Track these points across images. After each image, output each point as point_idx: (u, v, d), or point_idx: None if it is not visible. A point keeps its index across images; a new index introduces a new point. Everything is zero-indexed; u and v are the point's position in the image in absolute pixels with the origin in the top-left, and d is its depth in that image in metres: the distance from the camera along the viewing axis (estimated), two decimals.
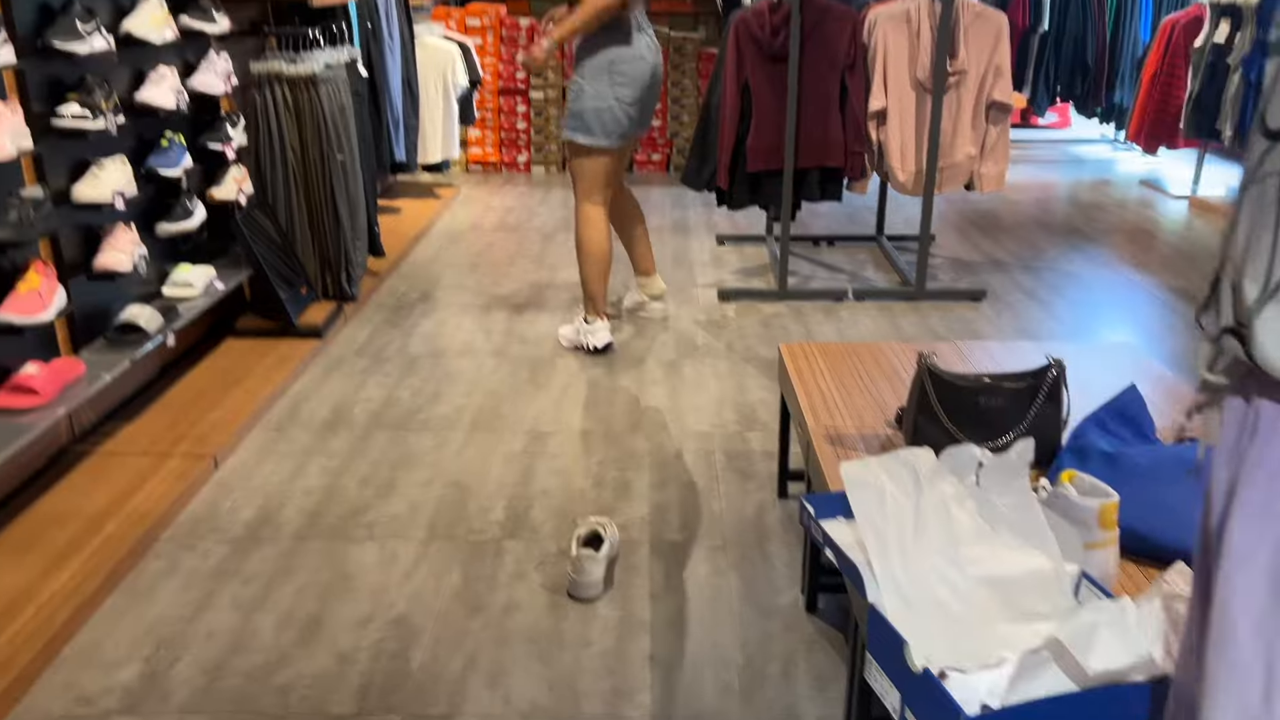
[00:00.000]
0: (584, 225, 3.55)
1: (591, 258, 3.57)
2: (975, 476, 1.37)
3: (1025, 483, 1.37)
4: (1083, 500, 1.49)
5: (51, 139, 2.57)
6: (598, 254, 3.56)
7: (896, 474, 1.31)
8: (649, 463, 2.83)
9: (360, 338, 3.80)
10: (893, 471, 1.31)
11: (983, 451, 1.37)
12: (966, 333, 3.84)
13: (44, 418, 2.35)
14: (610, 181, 3.56)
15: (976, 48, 3.93)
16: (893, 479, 1.30)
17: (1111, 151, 7.56)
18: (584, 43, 3.44)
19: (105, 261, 2.71)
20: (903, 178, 4.10)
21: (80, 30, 2.54)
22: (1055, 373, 1.88)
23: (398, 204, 5.66)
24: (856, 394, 2.25)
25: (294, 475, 2.77)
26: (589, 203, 3.53)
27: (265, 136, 3.68)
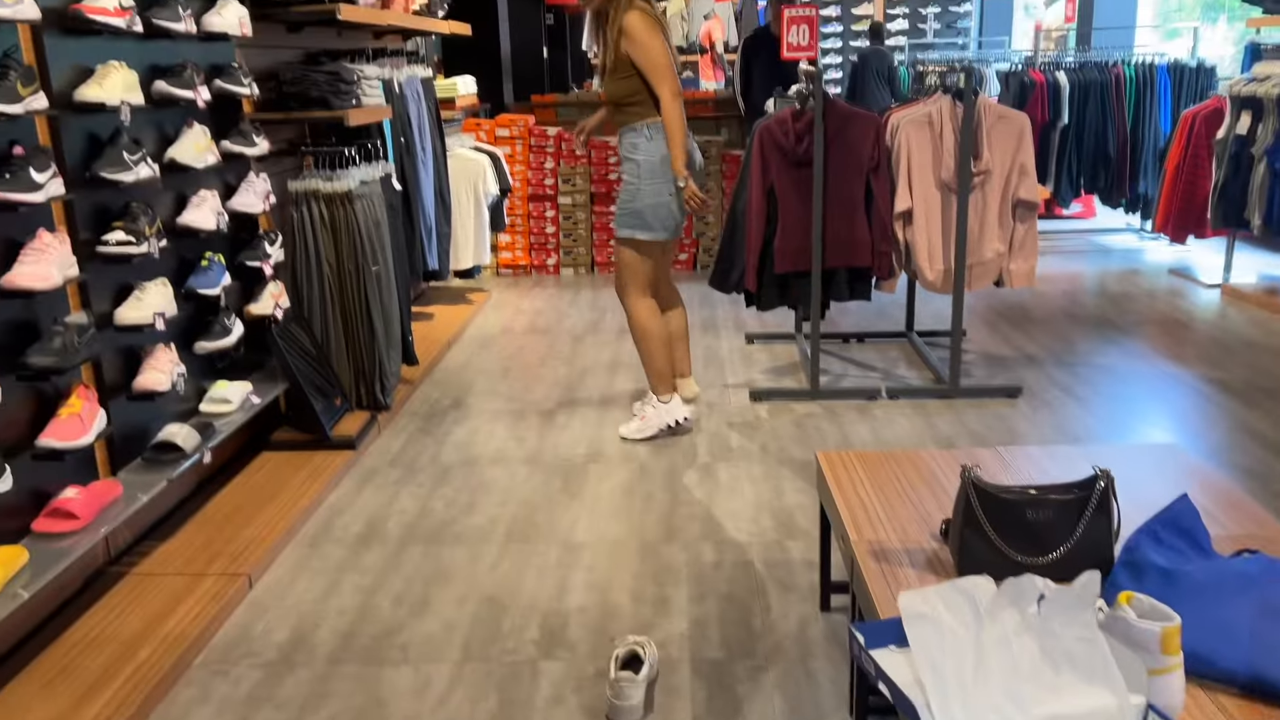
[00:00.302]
0: (637, 314, 3.72)
1: (651, 339, 3.72)
2: (1037, 607, 1.33)
3: (1091, 616, 1.32)
4: (1143, 624, 1.43)
5: (96, 264, 2.64)
6: (657, 333, 3.73)
7: (955, 605, 1.27)
8: (686, 575, 2.78)
9: (394, 448, 3.80)
10: (951, 603, 1.27)
11: (1044, 582, 1.32)
12: (1004, 432, 3.79)
13: (82, 542, 2.36)
14: (655, 272, 3.73)
15: (1000, 148, 3.98)
16: (951, 611, 1.26)
17: (1138, 241, 7.56)
18: (627, 144, 3.60)
19: (145, 382, 2.75)
20: (931, 276, 4.10)
21: (127, 161, 2.62)
22: (1104, 483, 1.84)
23: (430, 310, 5.74)
24: (898, 504, 2.20)
25: (327, 593, 2.74)
26: (638, 294, 3.70)
27: (302, 251, 3.76)
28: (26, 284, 2.25)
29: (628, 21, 3.48)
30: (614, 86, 3.56)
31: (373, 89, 4.12)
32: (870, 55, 8.85)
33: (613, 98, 3.59)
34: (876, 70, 8.74)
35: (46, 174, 2.32)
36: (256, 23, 3.44)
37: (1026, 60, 7.39)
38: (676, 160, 3.50)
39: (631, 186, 3.59)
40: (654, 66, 3.48)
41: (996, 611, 1.29)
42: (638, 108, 3.56)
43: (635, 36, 3.47)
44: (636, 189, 3.57)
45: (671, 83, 3.51)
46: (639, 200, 3.57)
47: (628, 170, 3.61)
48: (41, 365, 2.30)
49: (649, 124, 3.55)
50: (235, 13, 3.22)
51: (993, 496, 1.83)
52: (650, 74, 3.49)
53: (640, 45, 3.47)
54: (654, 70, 3.48)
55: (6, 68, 2.22)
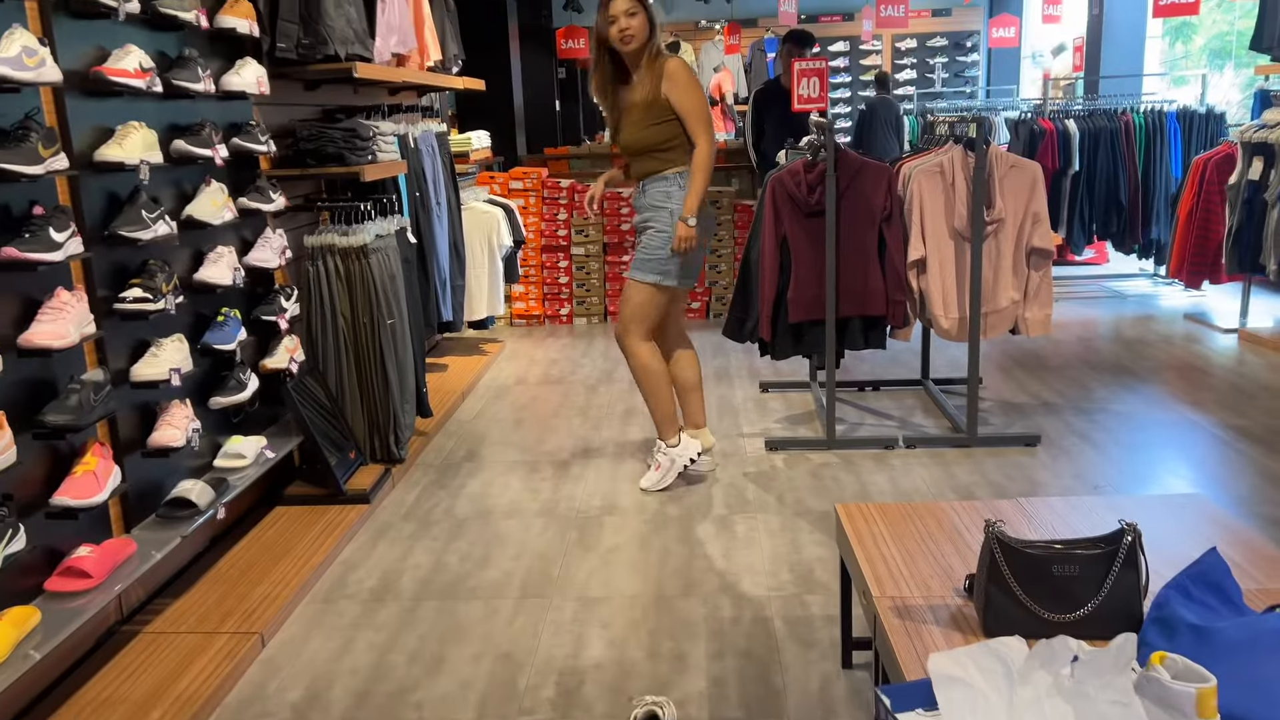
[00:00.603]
0: (639, 355, 3.71)
1: (654, 377, 3.73)
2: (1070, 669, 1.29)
3: (1126, 680, 1.29)
4: (1178, 685, 1.39)
5: (113, 321, 2.65)
6: (659, 373, 3.74)
7: (987, 668, 1.24)
8: (704, 630, 2.74)
9: (408, 501, 3.78)
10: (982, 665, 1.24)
11: (1078, 644, 1.29)
12: (1024, 482, 3.75)
13: (96, 601, 2.34)
14: (661, 318, 3.74)
15: (1013, 197, 3.98)
16: (983, 673, 1.23)
17: (1152, 286, 7.53)
18: (657, 192, 3.60)
19: (160, 438, 2.75)
20: (946, 325, 4.09)
21: (145, 219, 2.64)
22: (1131, 537, 1.80)
23: (444, 361, 5.74)
24: (920, 559, 2.17)
25: (341, 651, 2.70)
26: (639, 336, 3.69)
27: (317, 305, 3.78)
28: (44, 342, 2.26)
29: (672, 66, 3.52)
30: (646, 133, 3.56)
31: (388, 144, 4.17)
32: (878, 105, 9.00)
33: (643, 145, 3.59)
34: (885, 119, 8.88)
35: (66, 233, 2.34)
36: (274, 81, 3.49)
37: (1035, 108, 7.43)
38: (694, 198, 3.53)
39: (664, 235, 3.58)
40: (698, 111, 3.54)
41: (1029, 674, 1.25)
42: (670, 154, 3.58)
43: (681, 81, 3.51)
44: (669, 236, 3.57)
45: (711, 132, 3.57)
46: (665, 246, 3.58)
47: (658, 219, 3.60)
48: (58, 423, 2.30)
49: (679, 172, 3.58)
50: (253, 72, 3.27)
51: (1018, 552, 1.80)
52: (693, 118, 3.53)
53: (685, 89, 3.51)
54: (697, 115, 3.54)
55: (28, 130, 2.25)
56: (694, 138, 3.56)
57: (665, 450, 3.78)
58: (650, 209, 3.63)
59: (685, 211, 3.54)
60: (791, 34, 6.29)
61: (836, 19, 12.75)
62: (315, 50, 3.63)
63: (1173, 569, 1.83)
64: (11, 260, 2.20)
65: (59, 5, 2.50)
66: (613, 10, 3.48)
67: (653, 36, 3.53)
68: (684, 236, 3.54)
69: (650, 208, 3.63)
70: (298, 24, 3.58)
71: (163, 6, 2.82)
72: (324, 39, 3.62)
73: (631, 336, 3.70)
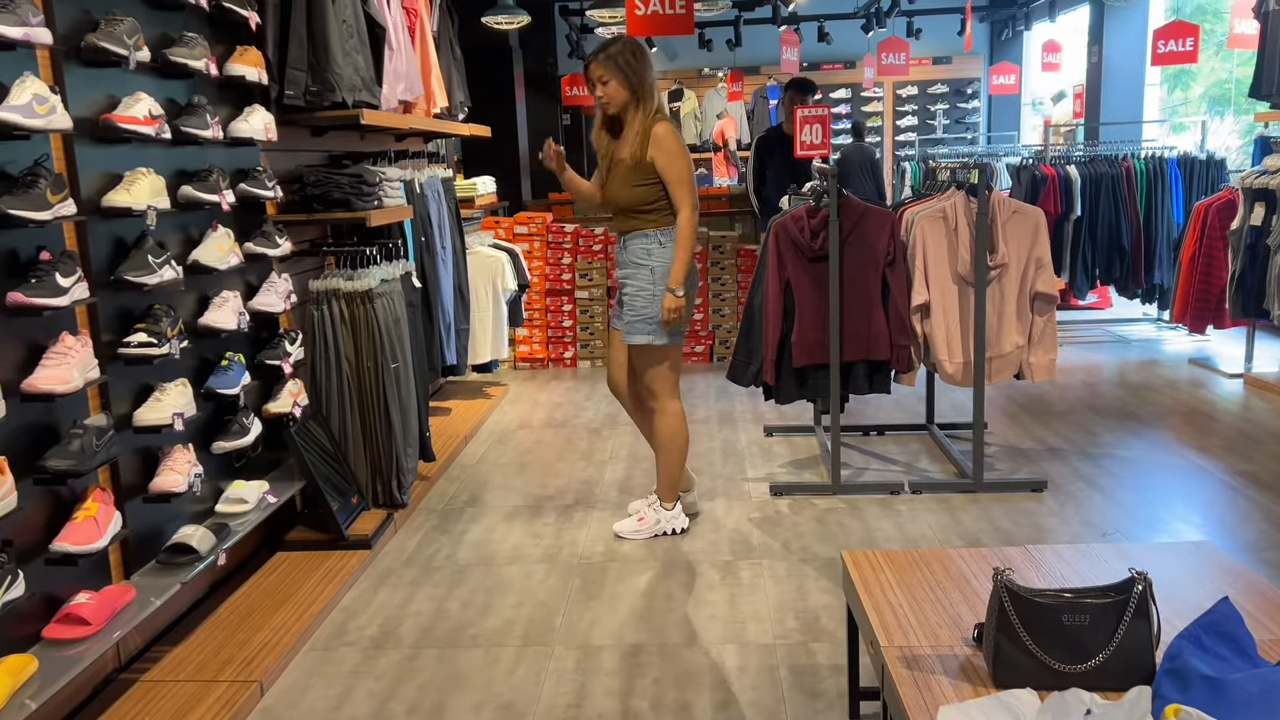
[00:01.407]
0: (670, 416, 3.71)
1: (679, 449, 3.75)
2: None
3: None
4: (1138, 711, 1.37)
5: (117, 365, 2.65)
6: (683, 443, 3.76)
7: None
8: (709, 680, 2.70)
9: (409, 546, 3.75)
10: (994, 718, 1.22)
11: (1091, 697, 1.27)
12: (1031, 528, 3.71)
13: (93, 648, 2.31)
14: (678, 367, 3.75)
15: (1016, 242, 3.99)
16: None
17: (1156, 331, 7.53)
18: (639, 249, 3.57)
19: (162, 483, 2.73)
20: (951, 369, 4.08)
21: (151, 264, 2.65)
22: (1142, 586, 1.78)
23: (448, 404, 5.74)
24: (928, 607, 2.14)
25: (341, 701, 2.67)
26: (670, 399, 3.70)
27: (322, 349, 3.78)
28: (47, 387, 2.26)
29: (660, 131, 3.49)
30: (631, 193, 3.54)
31: (394, 190, 4.20)
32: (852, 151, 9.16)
33: (627, 203, 3.56)
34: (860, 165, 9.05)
35: (71, 279, 2.34)
36: (282, 128, 3.53)
37: (1036, 154, 7.49)
38: (680, 270, 3.50)
39: (646, 292, 3.55)
40: (682, 180, 3.51)
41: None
42: (653, 215, 3.56)
43: (668, 147, 3.48)
44: (652, 294, 3.54)
45: (694, 198, 3.55)
46: (654, 306, 3.54)
47: (639, 277, 3.57)
48: (59, 469, 2.29)
49: (663, 230, 3.55)
50: (261, 119, 3.30)
51: (1027, 601, 1.78)
52: (677, 187, 3.50)
53: (671, 156, 3.49)
54: (681, 184, 3.51)
55: (37, 176, 2.27)
56: (678, 205, 3.52)
57: (658, 508, 3.77)
58: (631, 265, 3.59)
59: (672, 283, 3.51)
60: (794, 81, 6.36)
61: (838, 66, 12.90)
62: (323, 97, 3.67)
63: (1184, 618, 1.81)
64: (18, 306, 2.21)
65: (70, 54, 2.53)
66: (590, 76, 3.53)
67: (636, 96, 3.50)
68: (672, 308, 3.51)
69: (631, 264, 3.59)
70: (306, 71, 3.62)
71: (173, 55, 2.86)
72: (332, 86, 3.66)
73: (662, 397, 3.68)
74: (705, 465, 4.61)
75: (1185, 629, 1.77)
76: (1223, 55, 11.73)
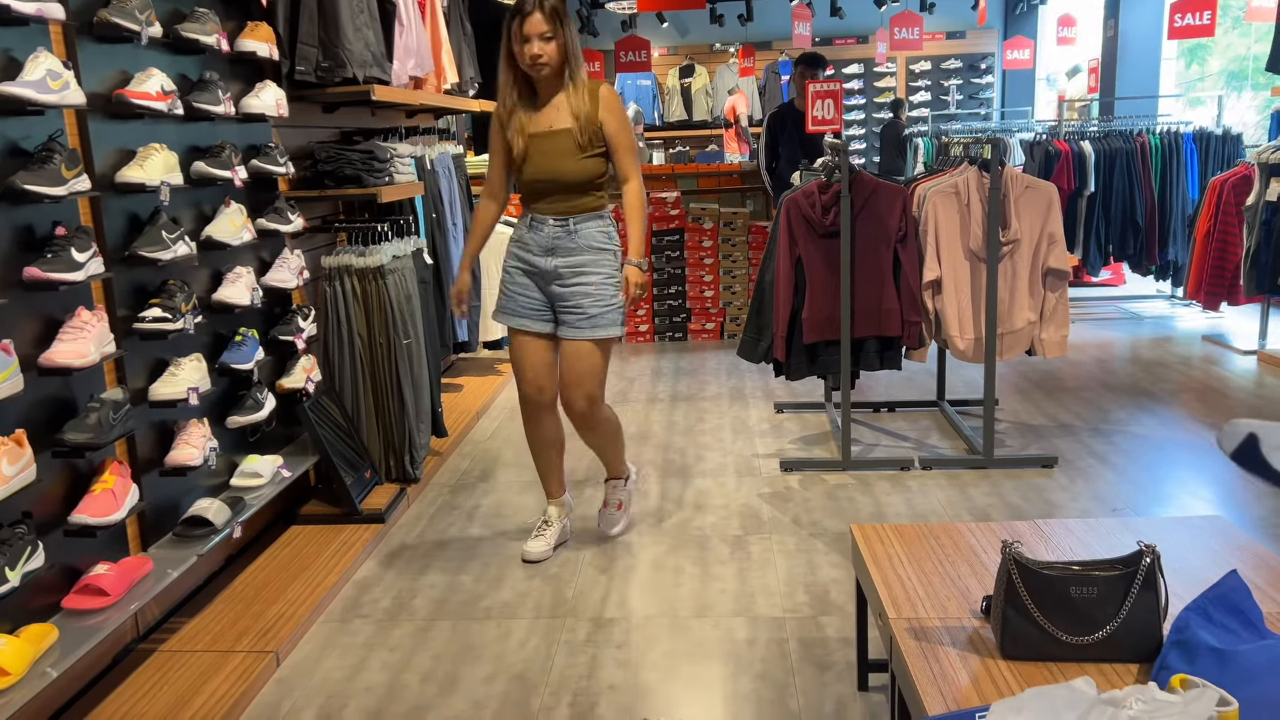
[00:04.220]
0: (608, 420, 3.40)
1: (619, 431, 3.50)
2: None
3: None
4: (1200, 709, 1.38)
5: (133, 340, 2.67)
6: (619, 424, 3.50)
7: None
8: (719, 652, 2.72)
9: (422, 520, 3.79)
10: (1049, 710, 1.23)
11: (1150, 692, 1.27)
12: (1041, 504, 3.72)
13: (112, 619, 2.35)
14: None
15: (1028, 217, 3.98)
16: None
17: (1170, 307, 7.50)
18: (596, 232, 3.21)
19: (178, 457, 2.76)
20: (962, 346, 4.08)
21: (165, 239, 2.67)
22: (1150, 559, 1.79)
23: (459, 381, 5.76)
24: (937, 580, 2.15)
25: (355, 671, 2.70)
26: (601, 393, 3.32)
27: (334, 325, 3.80)
28: (64, 361, 2.28)
29: (607, 92, 3.15)
30: (581, 166, 3.13)
31: (405, 166, 4.20)
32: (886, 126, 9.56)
33: (576, 179, 3.13)
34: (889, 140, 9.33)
35: (87, 254, 2.36)
36: (293, 104, 3.53)
37: (1050, 130, 7.43)
38: (641, 240, 3.18)
39: (615, 279, 3.20)
40: (631, 145, 3.20)
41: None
42: (602, 191, 3.22)
43: (617, 110, 3.16)
44: (619, 280, 3.20)
45: (638, 163, 3.26)
46: (617, 290, 3.20)
47: (603, 264, 3.18)
48: (77, 442, 2.32)
49: (609, 210, 3.26)
50: (273, 95, 3.30)
51: (1035, 573, 1.79)
52: (627, 152, 3.18)
53: (622, 120, 3.16)
54: (631, 148, 3.20)
55: (52, 151, 2.28)
56: (627, 173, 3.21)
57: (625, 487, 3.61)
58: (589, 250, 3.17)
59: (637, 255, 3.16)
60: (804, 56, 6.32)
61: (851, 41, 12.80)
62: (334, 73, 3.67)
63: (1192, 591, 1.82)
64: (34, 280, 2.23)
65: (83, 29, 2.54)
66: (526, 30, 3.02)
67: (571, 58, 3.10)
68: (639, 283, 3.16)
69: (589, 249, 3.17)
70: (317, 47, 3.63)
71: (185, 31, 2.86)
72: (343, 62, 3.66)
73: (599, 401, 3.29)
74: (715, 441, 4.62)
75: (1193, 601, 1.78)
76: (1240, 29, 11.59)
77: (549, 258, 3.18)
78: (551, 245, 3.17)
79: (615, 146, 3.17)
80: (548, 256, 3.18)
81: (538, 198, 3.19)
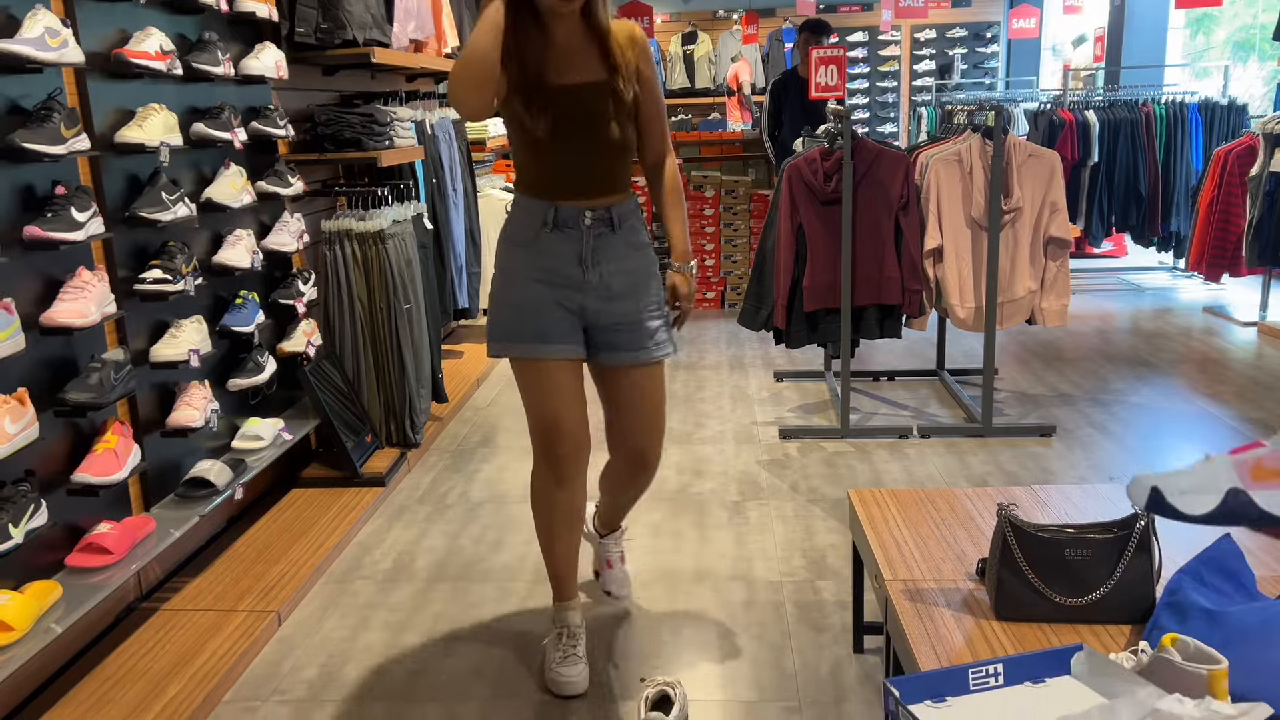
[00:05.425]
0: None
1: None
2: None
3: None
4: (1190, 667, 1.40)
5: (133, 302, 2.67)
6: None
7: None
8: (717, 615, 2.75)
9: (423, 484, 3.81)
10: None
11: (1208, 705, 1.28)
12: (1039, 471, 3.74)
13: (115, 577, 2.37)
14: None
15: (1031, 186, 3.96)
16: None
17: (1171, 279, 7.48)
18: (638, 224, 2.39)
19: (179, 419, 2.77)
20: (962, 314, 4.08)
21: (165, 200, 2.67)
22: (1144, 522, 1.80)
23: (460, 348, 5.77)
24: (933, 543, 2.17)
25: (356, 631, 2.73)
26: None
27: (334, 289, 3.80)
28: (65, 320, 2.29)
29: (644, 37, 2.33)
30: (623, 134, 2.29)
31: (405, 130, 4.18)
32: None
33: (625, 150, 2.33)
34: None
35: (87, 213, 2.36)
36: (292, 66, 3.51)
37: (1055, 99, 7.38)
38: (688, 242, 2.47)
39: (657, 281, 2.41)
40: (663, 107, 2.40)
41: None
42: (629, 171, 2.37)
43: (653, 63, 2.34)
44: (660, 284, 2.43)
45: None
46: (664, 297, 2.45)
47: (651, 264, 2.40)
48: (79, 401, 2.33)
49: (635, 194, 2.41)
50: (272, 57, 3.28)
51: (1030, 535, 1.80)
52: (662, 119, 2.40)
53: (655, 74, 2.35)
54: (663, 113, 2.40)
55: (50, 110, 2.28)
56: (662, 148, 2.41)
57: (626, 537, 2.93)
58: (636, 250, 2.36)
59: (681, 257, 2.44)
60: (809, 23, 6.27)
61: (855, 9, 12.67)
62: (333, 35, 3.64)
63: (1186, 555, 1.83)
64: (35, 239, 2.23)
65: None
66: None
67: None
68: (690, 294, 2.46)
69: (636, 248, 2.36)
70: (316, 9, 3.60)
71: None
72: (342, 24, 3.64)
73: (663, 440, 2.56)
74: (715, 410, 4.64)
75: (1186, 564, 1.80)
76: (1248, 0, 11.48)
77: (590, 268, 2.29)
78: (592, 250, 2.29)
79: (651, 112, 2.34)
80: (588, 265, 2.29)
81: (563, 184, 2.28)
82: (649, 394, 2.42)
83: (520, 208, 2.34)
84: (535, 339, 2.31)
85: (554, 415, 2.37)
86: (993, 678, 1.52)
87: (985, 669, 1.52)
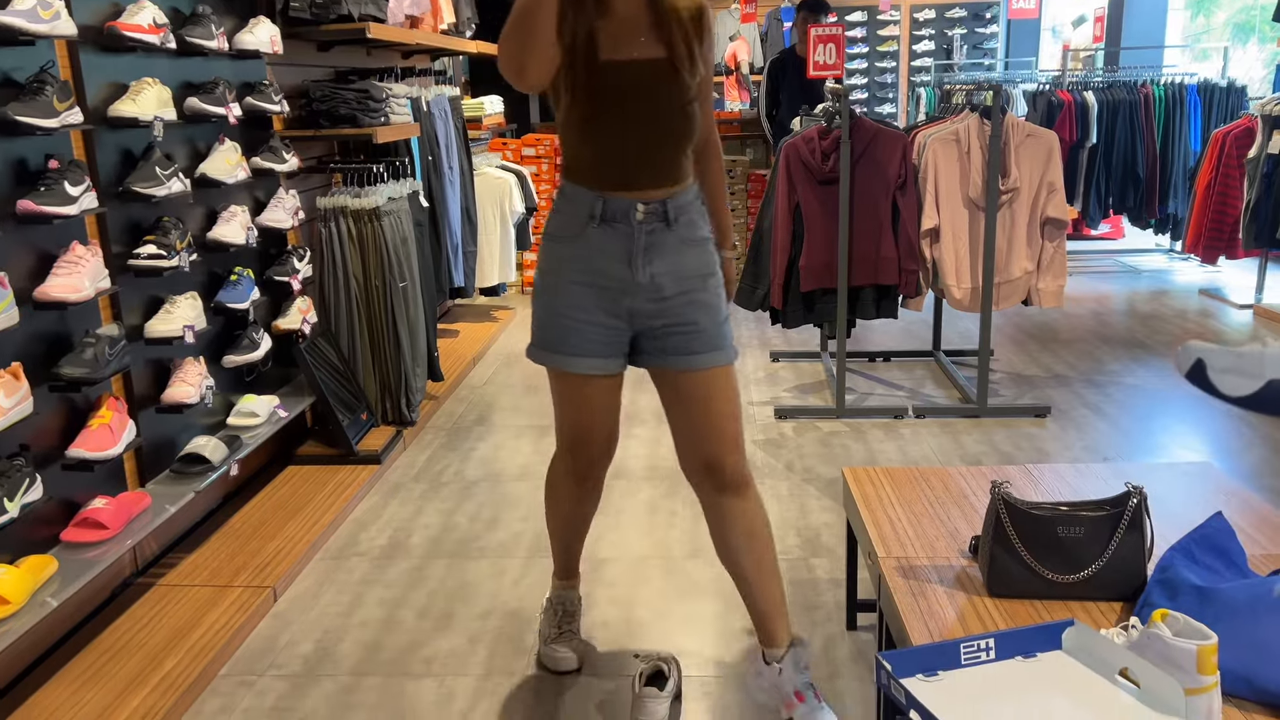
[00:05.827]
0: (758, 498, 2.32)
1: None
2: None
3: None
4: (1179, 642, 1.41)
5: (127, 277, 2.67)
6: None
7: None
8: (711, 591, 2.76)
9: (418, 462, 3.81)
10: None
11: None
12: (1033, 451, 3.75)
13: (111, 551, 2.37)
14: None
15: (1028, 166, 3.95)
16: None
17: (1168, 261, 7.49)
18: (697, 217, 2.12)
19: (174, 394, 2.77)
20: (959, 295, 4.08)
21: (159, 175, 2.65)
22: (1137, 500, 1.81)
23: (456, 327, 5.76)
24: (926, 521, 2.18)
25: (352, 606, 2.74)
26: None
27: (330, 266, 3.79)
28: (59, 295, 2.28)
29: (709, 10, 2.08)
30: (692, 117, 2.05)
31: (401, 107, 4.16)
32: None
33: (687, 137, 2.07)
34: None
35: (81, 188, 2.35)
36: (287, 41, 3.49)
37: (1054, 80, 7.36)
38: (730, 227, 2.30)
39: (716, 279, 2.13)
40: (711, 87, 2.16)
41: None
42: (688, 161, 2.11)
43: (714, 41, 2.16)
44: (720, 282, 2.16)
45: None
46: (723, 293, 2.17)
47: (710, 259, 2.12)
48: (73, 376, 2.32)
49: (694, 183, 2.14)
50: (267, 31, 3.26)
51: (1023, 513, 1.81)
52: (710, 99, 2.16)
53: (712, 54, 2.12)
54: (711, 92, 2.17)
55: (43, 83, 2.26)
56: (712, 125, 2.20)
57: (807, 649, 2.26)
58: (695, 245, 2.09)
59: (728, 245, 2.26)
60: (807, 1, 6.24)
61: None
62: (329, 10, 3.62)
63: (1178, 533, 1.84)
64: (27, 213, 2.21)
65: None
66: None
67: None
68: (734, 281, 2.32)
69: (694, 243, 2.09)
70: None
71: None
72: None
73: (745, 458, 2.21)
74: None
75: (1177, 542, 1.81)
76: None
77: (642, 266, 2.04)
78: (645, 247, 2.03)
79: (705, 93, 2.12)
80: (639, 264, 2.04)
81: (612, 172, 2.02)
82: (719, 398, 2.10)
83: (564, 198, 2.09)
84: (572, 351, 2.10)
85: (585, 427, 2.22)
86: (984, 652, 1.53)
87: (977, 644, 1.53)
